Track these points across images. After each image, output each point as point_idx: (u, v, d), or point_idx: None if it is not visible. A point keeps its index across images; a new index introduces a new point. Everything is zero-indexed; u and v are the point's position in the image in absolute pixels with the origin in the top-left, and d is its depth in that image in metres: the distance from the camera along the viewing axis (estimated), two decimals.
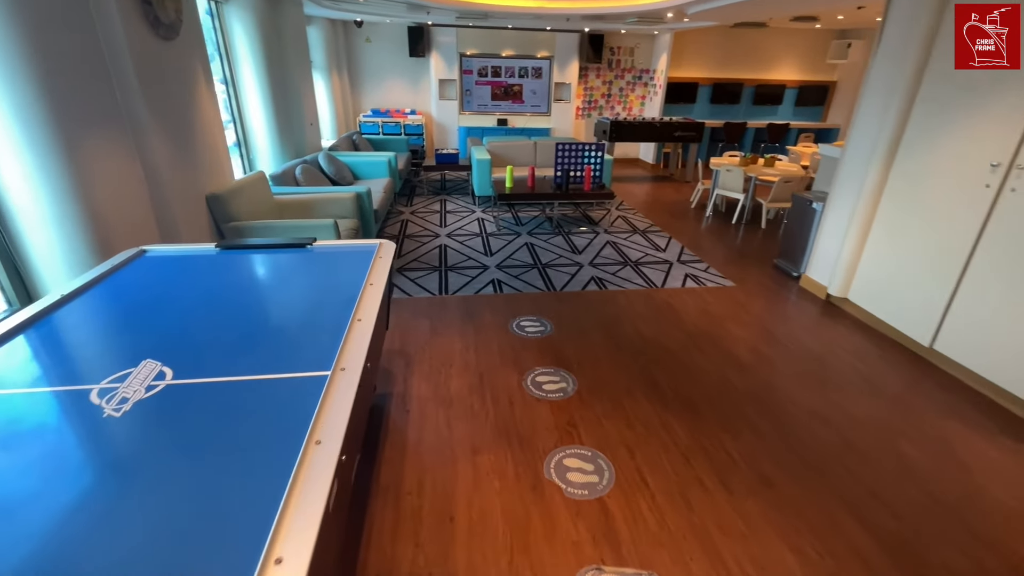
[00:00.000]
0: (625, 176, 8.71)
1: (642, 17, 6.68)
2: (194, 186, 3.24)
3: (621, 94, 9.51)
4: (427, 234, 5.38)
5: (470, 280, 4.24)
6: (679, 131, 7.84)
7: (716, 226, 5.98)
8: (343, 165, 5.68)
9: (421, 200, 6.73)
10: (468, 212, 6.23)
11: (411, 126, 8.67)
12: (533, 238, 5.34)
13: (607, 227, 5.79)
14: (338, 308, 1.79)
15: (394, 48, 8.57)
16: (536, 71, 8.91)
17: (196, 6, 3.49)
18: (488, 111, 9.05)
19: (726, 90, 9.38)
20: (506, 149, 6.81)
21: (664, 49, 8.74)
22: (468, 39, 8.49)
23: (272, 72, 5.02)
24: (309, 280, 2.20)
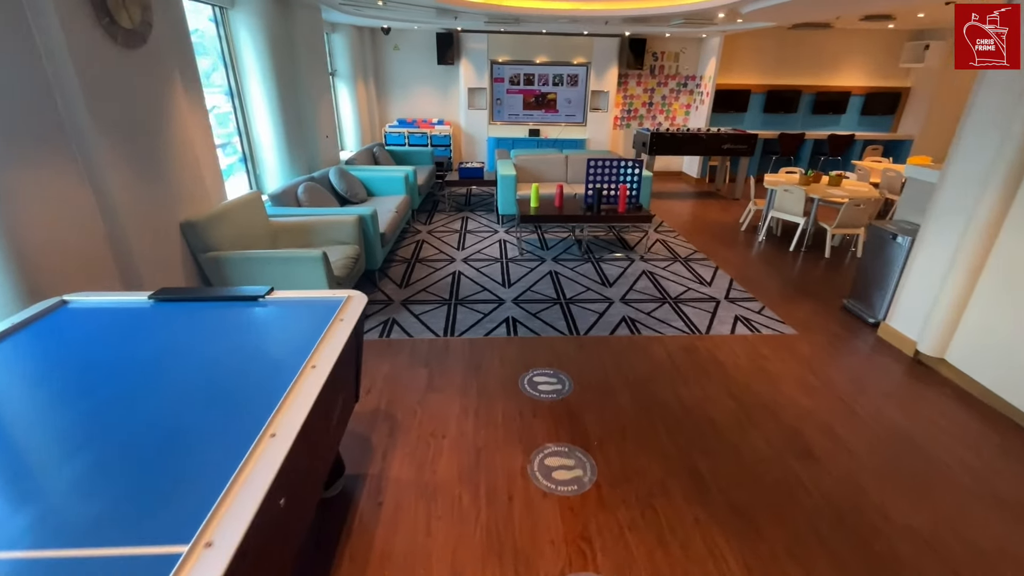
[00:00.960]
0: (666, 192, 8.00)
1: (690, 18, 6.02)
2: (165, 213, 2.85)
3: (664, 102, 8.82)
4: (441, 258, 4.89)
5: (482, 318, 3.71)
6: (728, 144, 7.09)
7: (770, 253, 5.23)
8: (356, 181, 5.28)
9: (442, 217, 6.27)
10: (490, 232, 5.71)
11: (438, 137, 8.27)
12: (559, 265, 4.77)
13: (644, 253, 5.15)
14: (249, 418, 1.28)
15: (422, 56, 8.21)
16: (572, 78, 8.36)
17: (181, 9, 3.13)
18: (519, 121, 8.55)
19: (781, 98, 8.53)
20: (535, 163, 6.27)
21: (712, 53, 8.00)
22: (500, 45, 8.03)
23: (282, 82, 4.68)
24: (241, 355, 1.70)
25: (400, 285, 4.25)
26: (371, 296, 3.99)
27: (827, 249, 5.15)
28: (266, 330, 1.85)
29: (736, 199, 7.48)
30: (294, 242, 3.82)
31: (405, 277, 4.41)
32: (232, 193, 4.33)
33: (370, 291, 4.11)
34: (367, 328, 3.51)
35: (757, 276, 4.61)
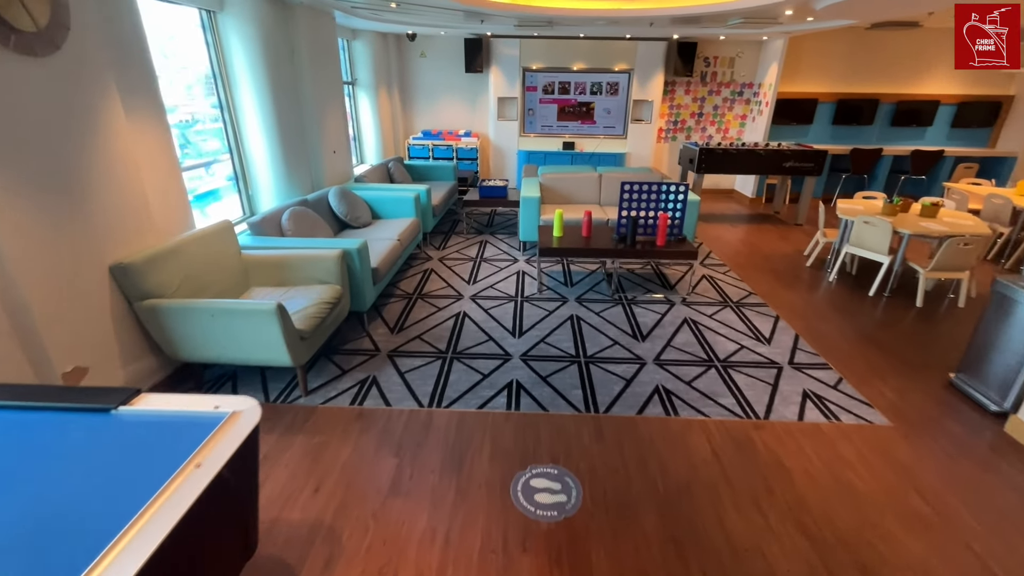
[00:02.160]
0: (715, 214, 7.10)
1: (750, 17, 5.17)
2: (86, 257, 2.34)
3: (716, 113, 7.91)
4: (447, 294, 4.26)
5: (480, 380, 3.04)
6: (791, 161, 6.14)
7: (844, 298, 4.30)
8: (360, 203, 4.74)
9: (458, 241, 5.66)
10: (508, 261, 5.04)
11: (464, 150, 7.70)
12: (583, 308, 4.03)
13: (686, 293, 4.34)
14: None
15: (450, 64, 7.67)
16: (612, 87, 7.60)
17: (128, 8, 2.64)
18: (553, 133, 7.87)
19: (855, 108, 7.46)
20: (564, 183, 5.56)
21: (774, 58, 7.06)
22: (533, 51, 7.39)
23: (279, 93, 4.19)
24: (28, 516, 1.09)
25: (393, 329, 3.64)
26: (355, 345, 3.39)
27: (919, 296, 4.17)
28: (88, 470, 1.24)
29: (798, 224, 6.50)
30: (268, 280, 3.28)
31: (400, 319, 3.80)
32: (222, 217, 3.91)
33: (355, 337, 3.52)
34: (338, 391, 2.91)
35: (830, 331, 3.72)
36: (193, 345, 2.64)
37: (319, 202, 4.37)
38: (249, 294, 3.16)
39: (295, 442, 2.49)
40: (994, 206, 5.20)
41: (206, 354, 2.69)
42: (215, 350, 2.66)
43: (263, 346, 2.59)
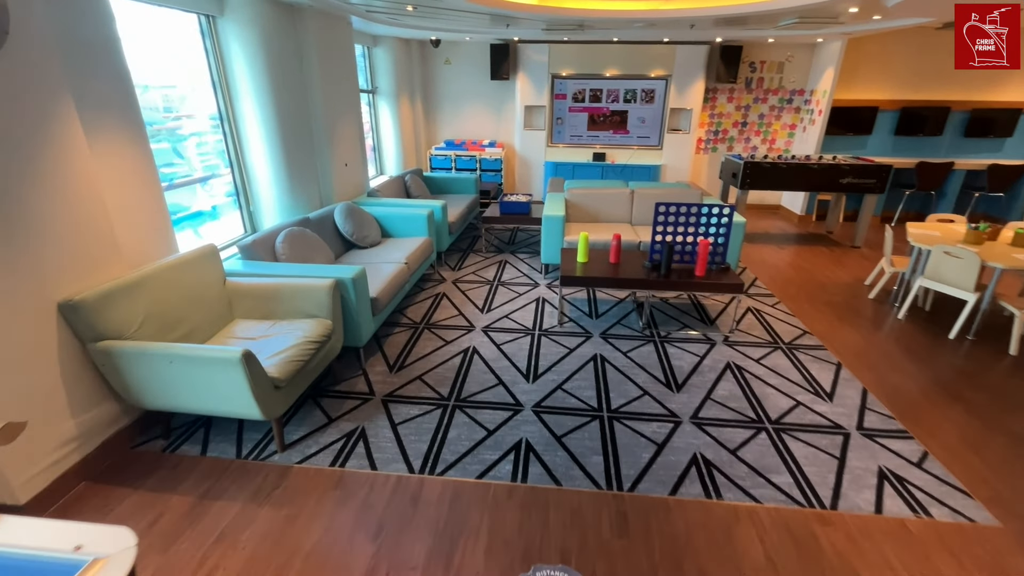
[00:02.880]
0: (759, 233, 6.47)
1: (807, 17, 4.60)
2: (30, 292, 2.03)
3: (761, 122, 7.28)
4: (458, 324, 3.85)
5: (484, 438, 2.60)
6: (849, 177, 5.48)
7: (918, 341, 3.67)
8: (370, 220, 4.40)
9: (476, 261, 5.26)
10: (528, 285, 4.60)
11: (488, 160, 7.32)
12: (608, 346, 3.55)
13: (729, 330, 3.79)
14: None
15: (475, 70, 7.33)
16: (647, 94, 7.09)
17: (97, 11, 2.35)
18: (582, 143, 7.40)
19: (921, 117, 6.70)
20: (592, 200, 5.09)
21: (830, 62, 6.40)
22: (563, 57, 6.96)
23: (284, 103, 3.90)
24: None
25: (393, 367, 3.25)
26: (348, 386, 3.01)
27: (1013, 342, 3.51)
28: None
29: (856, 247, 5.82)
30: (253, 312, 2.94)
31: (403, 354, 3.41)
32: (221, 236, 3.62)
33: (350, 375, 3.14)
34: (320, 447, 2.52)
35: (905, 384, 3.12)
36: (154, 393, 2.31)
37: (323, 220, 4.04)
38: (231, 329, 2.83)
39: (259, 516, 2.11)
40: None
41: (169, 403, 2.35)
42: (178, 399, 2.32)
43: (229, 398, 2.23)
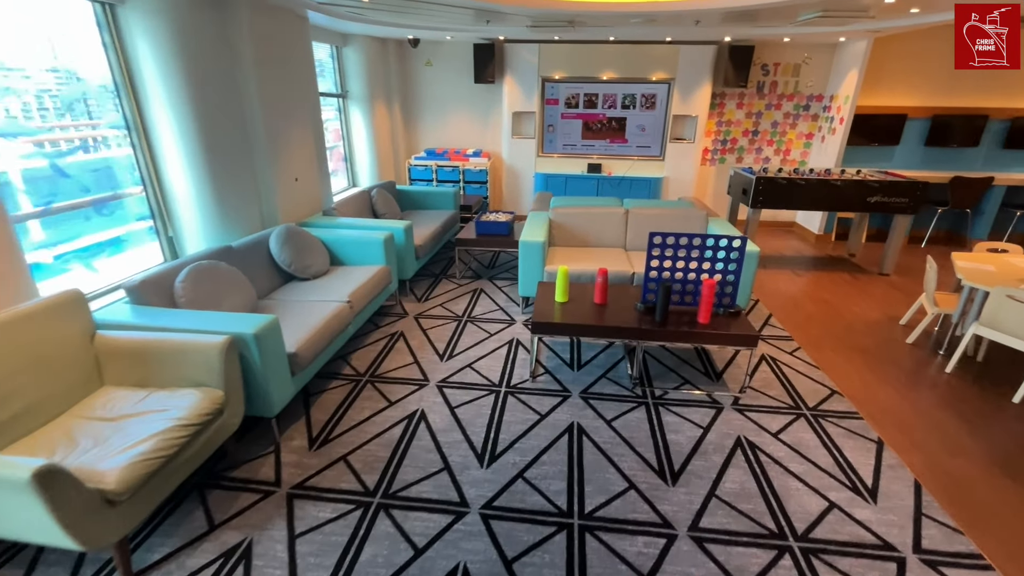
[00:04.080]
0: (772, 255, 5.77)
1: (832, 10, 3.91)
2: None
3: (775, 131, 6.59)
4: (409, 377, 3.18)
5: (407, 563, 1.93)
6: (878, 196, 4.78)
7: (973, 402, 2.96)
8: (316, 246, 3.75)
9: (447, 289, 4.59)
10: (503, 323, 3.93)
11: (472, 172, 6.66)
12: (588, 411, 2.87)
13: (740, 389, 3.10)
14: None
15: (458, 73, 6.68)
16: (647, 100, 6.41)
17: None
18: (576, 153, 6.74)
19: (954, 126, 5.98)
20: (579, 220, 4.41)
21: (853, 64, 5.70)
22: (553, 58, 6.30)
23: (205, 110, 3.27)
24: None
25: (314, 442, 2.59)
26: (249, 471, 2.32)
27: None
28: None
29: (884, 274, 5.10)
30: (127, 377, 2.29)
31: (331, 422, 2.74)
32: (125, 272, 2.87)
33: (257, 453, 2.48)
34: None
35: (968, 473, 2.41)
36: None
37: (254, 249, 3.40)
38: (92, 403, 2.17)
39: None
40: None
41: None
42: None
43: (30, 524, 1.58)
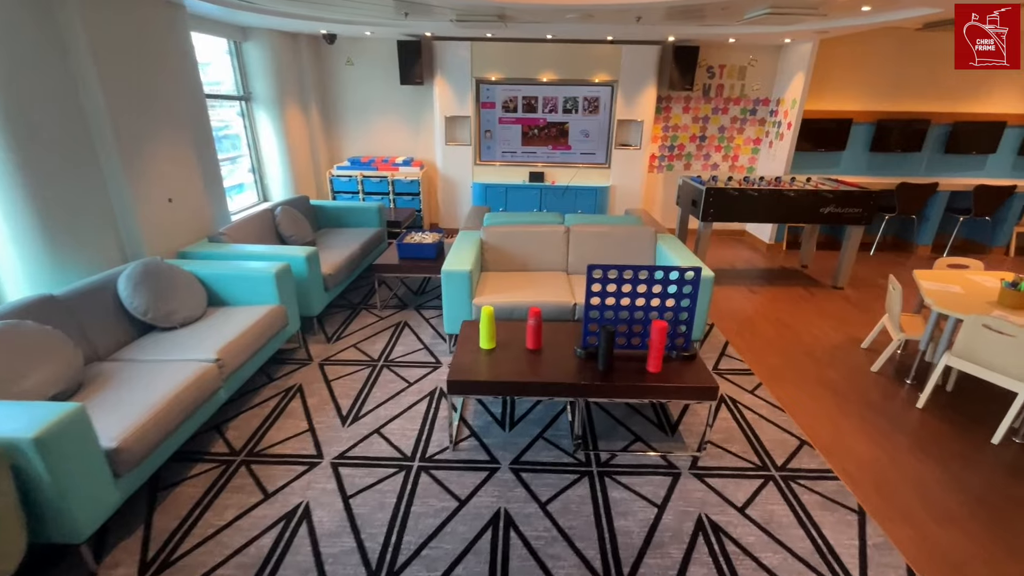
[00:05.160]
0: (724, 268, 5.45)
1: (780, 6, 3.55)
2: None
3: (722, 136, 6.30)
4: (297, 454, 2.53)
5: None
6: (831, 206, 4.50)
7: (951, 446, 2.62)
8: (186, 285, 3.03)
9: (367, 323, 3.95)
10: (426, 368, 3.34)
11: (403, 182, 6.02)
12: (520, 491, 2.32)
13: (699, 446, 2.64)
14: None
15: (383, 73, 6.03)
16: (591, 103, 5.98)
17: None
18: (516, 161, 6.22)
19: (898, 131, 5.86)
20: (515, 241, 3.87)
21: (799, 66, 5.46)
22: (488, 58, 5.76)
23: (20, 121, 2.51)
24: None
25: (145, 571, 1.91)
26: None
27: None
28: None
29: (838, 288, 4.85)
30: None
31: (176, 535, 2.07)
32: None
33: None
34: None
35: (964, 551, 2.02)
36: None
37: (95, 295, 2.65)
38: None
39: None
40: None
41: None
42: None
43: None
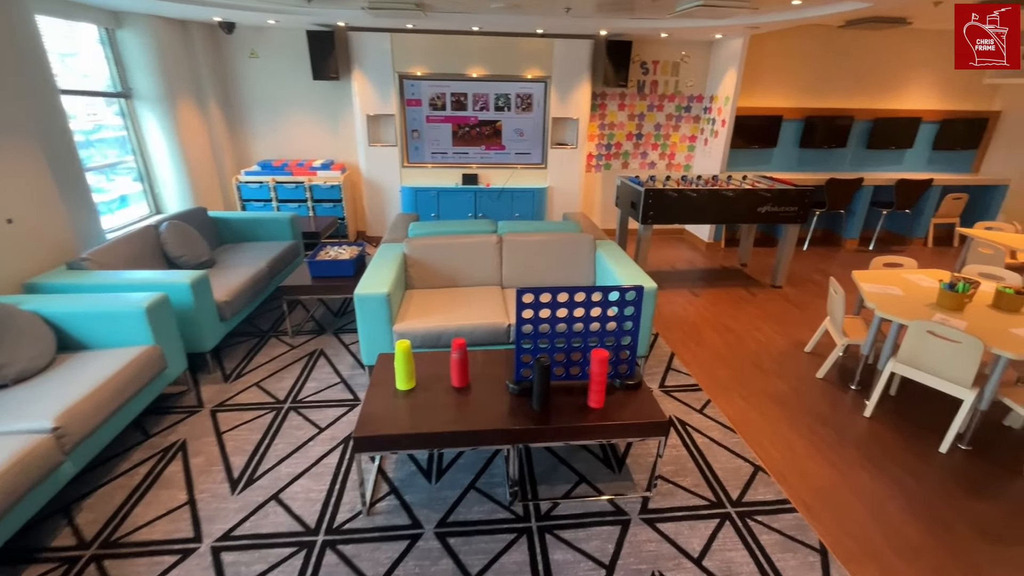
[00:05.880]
0: (665, 270, 5.31)
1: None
2: None
3: (659, 134, 6.18)
4: (169, 540, 2.03)
5: None
6: (768, 205, 4.42)
7: (901, 457, 2.51)
8: (27, 329, 2.42)
9: (276, 354, 3.43)
10: (343, 407, 2.89)
11: (322, 188, 5.46)
12: (447, 562, 1.96)
13: (649, 485, 2.38)
14: None
15: (294, 67, 5.44)
16: (524, 100, 5.66)
17: None
18: (447, 162, 5.81)
19: (824, 127, 5.95)
20: (442, 254, 3.48)
21: (731, 63, 5.40)
22: (411, 51, 5.31)
23: None
24: None
25: None
26: None
27: None
28: None
29: (777, 287, 4.81)
30: None
31: None
32: None
33: None
34: None
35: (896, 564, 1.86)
36: None
37: None
38: None
39: None
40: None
41: None
42: None
43: None
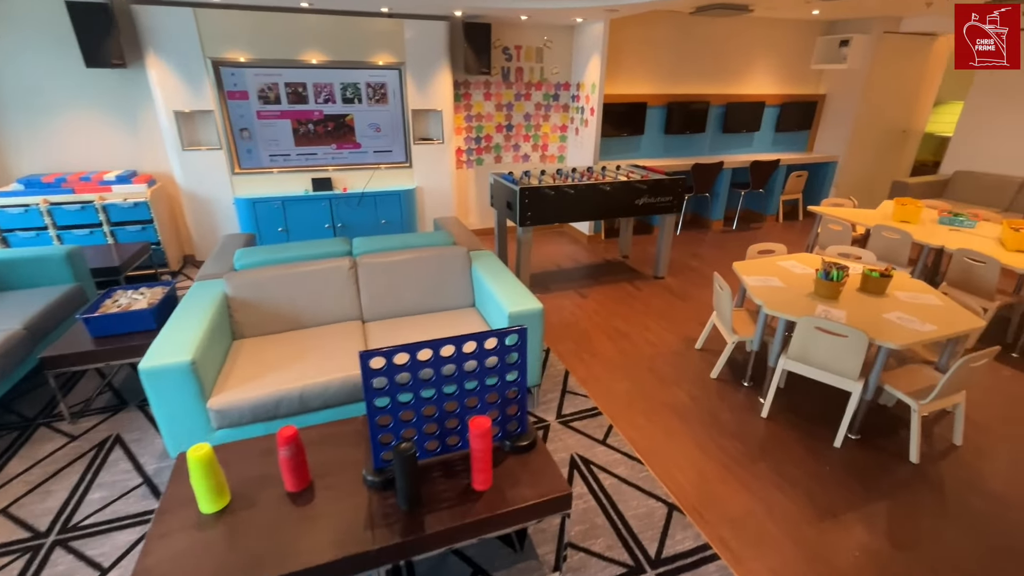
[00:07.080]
0: (552, 270, 5.00)
1: None
2: None
3: (529, 124, 5.83)
4: None
5: None
6: (645, 197, 4.27)
7: (798, 456, 2.40)
8: None
9: (46, 451, 2.44)
10: (145, 524, 2.08)
11: (122, 207, 4.27)
12: None
13: (555, 563, 1.96)
14: None
15: (56, 49, 4.14)
16: (376, 91, 4.94)
17: None
18: (292, 165, 4.91)
19: (686, 113, 6.06)
20: (278, 288, 2.73)
21: (595, 48, 5.19)
22: (225, 32, 4.29)
23: None
24: None
25: None
26: None
27: (914, 447, 2.47)
28: None
29: (660, 278, 4.74)
30: None
31: None
32: None
33: None
34: None
35: None
36: None
37: None
38: None
39: None
40: (891, 243, 3.96)
41: None
42: None
43: None
